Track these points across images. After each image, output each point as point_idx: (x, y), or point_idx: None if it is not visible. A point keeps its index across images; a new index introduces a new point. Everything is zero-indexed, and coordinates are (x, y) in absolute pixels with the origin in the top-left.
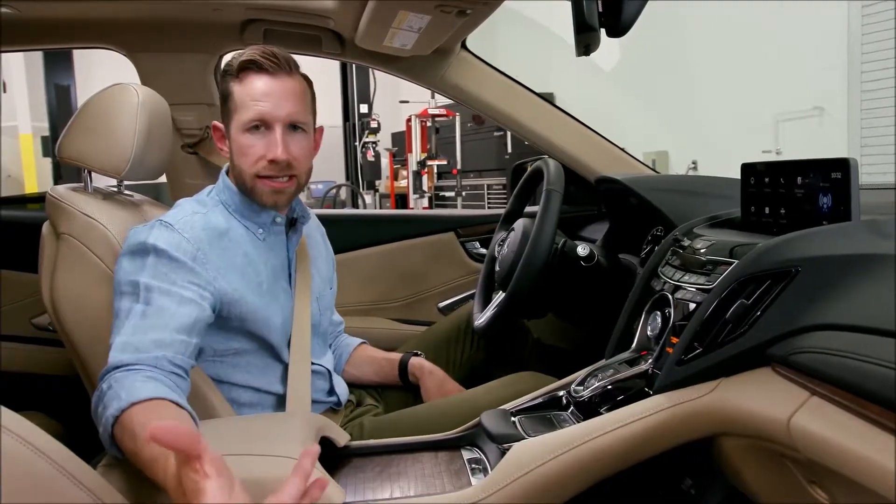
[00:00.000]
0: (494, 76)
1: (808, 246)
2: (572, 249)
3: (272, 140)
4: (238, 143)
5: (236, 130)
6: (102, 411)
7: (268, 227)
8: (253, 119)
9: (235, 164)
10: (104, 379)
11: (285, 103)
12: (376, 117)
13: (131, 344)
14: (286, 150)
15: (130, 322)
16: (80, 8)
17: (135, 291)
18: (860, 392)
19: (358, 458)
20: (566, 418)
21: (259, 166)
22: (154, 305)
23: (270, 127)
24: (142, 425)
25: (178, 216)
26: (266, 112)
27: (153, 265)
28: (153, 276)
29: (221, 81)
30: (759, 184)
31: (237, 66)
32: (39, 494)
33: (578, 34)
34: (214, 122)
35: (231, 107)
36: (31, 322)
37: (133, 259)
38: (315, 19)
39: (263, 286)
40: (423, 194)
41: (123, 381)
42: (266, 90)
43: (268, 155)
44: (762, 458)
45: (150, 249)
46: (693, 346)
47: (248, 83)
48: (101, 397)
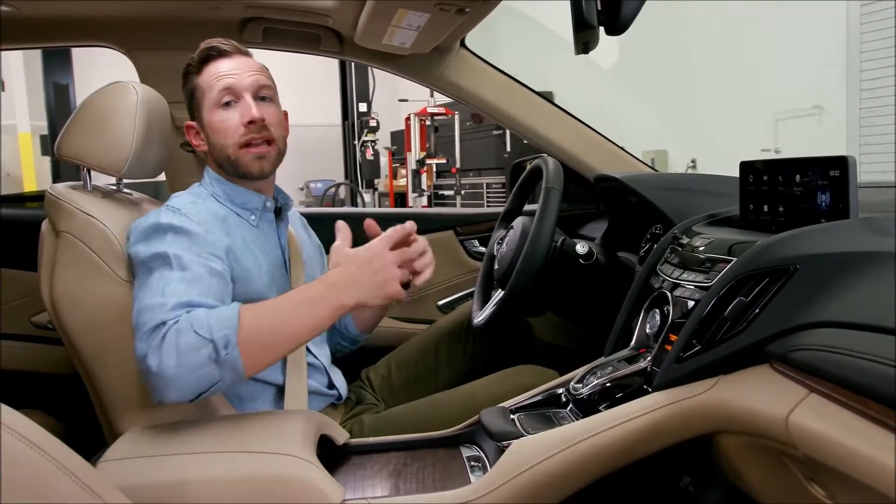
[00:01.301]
0: (493, 74)
1: (807, 244)
2: (571, 247)
3: (244, 105)
4: (212, 122)
5: (208, 112)
6: (201, 340)
7: (259, 212)
8: (221, 93)
9: (215, 143)
10: (162, 329)
11: (248, 73)
12: (375, 116)
13: (182, 303)
14: (259, 111)
15: (172, 285)
16: (78, 6)
17: (165, 262)
18: (859, 389)
19: (357, 455)
20: (565, 416)
21: (237, 135)
22: (191, 271)
23: (239, 97)
24: (259, 314)
25: (181, 202)
26: (232, 83)
27: (174, 240)
28: (179, 248)
29: (185, 84)
30: (757, 182)
31: (197, 59)
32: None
33: (577, 32)
34: (187, 123)
35: (198, 97)
36: (30, 320)
37: (149, 240)
38: (314, 17)
39: (263, 269)
40: (423, 193)
41: (200, 315)
42: (229, 67)
43: (243, 119)
44: (761, 456)
45: (167, 228)
46: (692, 344)
47: (209, 69)
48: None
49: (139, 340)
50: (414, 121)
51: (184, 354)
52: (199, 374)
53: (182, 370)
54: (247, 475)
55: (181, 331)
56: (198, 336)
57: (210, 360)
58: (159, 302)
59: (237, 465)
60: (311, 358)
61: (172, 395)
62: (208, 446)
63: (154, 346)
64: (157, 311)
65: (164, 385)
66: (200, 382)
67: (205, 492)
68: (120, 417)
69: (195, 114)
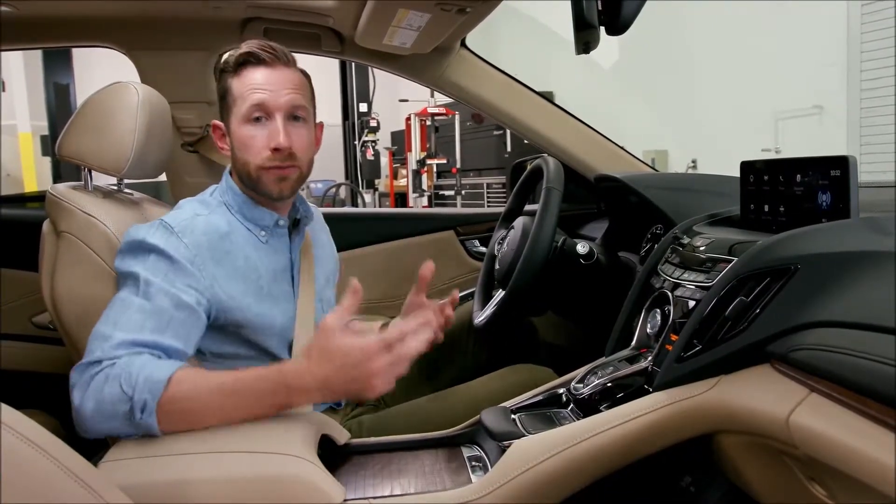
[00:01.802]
0: (494, 74)
1: (808, 243)
2: (572, 247)
3: (273, 129)
4: (239, 135)
5: (237, 124)
6: (122, 396)
7: (270, 229)
8: (253, 108)
9: (238, 157)
10: (95, 369)
11: (284, 92)
12: (376, 116)
13: (129, 341)
14: (288, 137)
15: (127, 315)
16: (79, 6)
17: (135, 284)
18: (859, 389)
19: (358, 455)
20: (566, 416)
21: (263, 157)
22: (154, 303)
23: (271, 116)
24: (193, 389)
25: (179, 218)
26: (266, 100)
27: (153, 263)
28: (153, 273)
29: (219, 80)
30: (758, 182)
31: (234, 60)
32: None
33: (578, 32)
34: (214, 122)
35: (229, 101)
36: (31, 321)
37: (133, 255)
38: (315, 17)
39: (264, 290)
40: (423, 193)
41: (134, 365)
42: (265, 80)
43: (270, 143)
44: (761, 455)
45: (151, 248)
46: (692, 344)
47: (246, 76)
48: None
49: (75, 367)
50: (414, 121)
51: (102, 403)
52: (111, 424)
53: (97, 416)
54: (248, 475)
55: (109, 378)
56: (121, 391)
57: (125, 416)
58: (107, 333)
59: (238, 465)
60: None
61: (84, 433)
62: (209, 446)
63: (82, 382)
64: (100, 344)
65: (78, 421)
66: (112, 431)
67: (206, 492)
68: None
69: (223, 116)
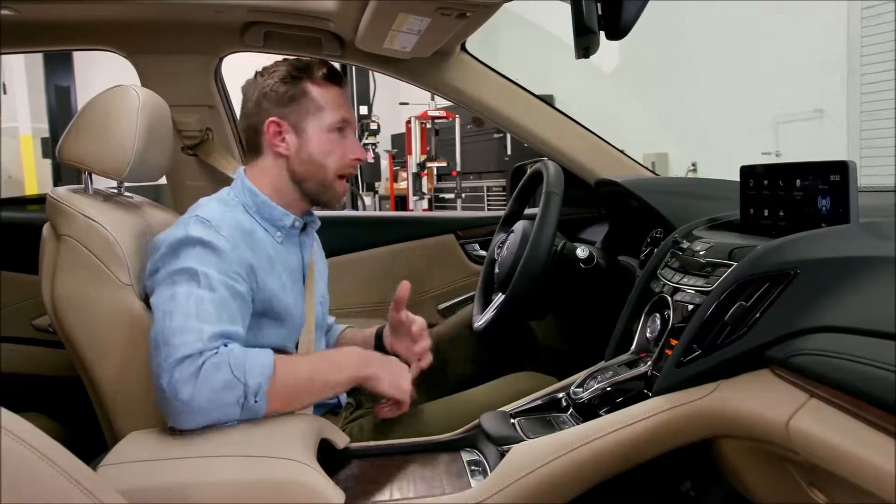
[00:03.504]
0: (494, 78)
1: (807, 248)
2: (572, 251)
3: (353, 142)
4: (322, 141)
5: (320, 130)
6: (235, 382)
7: (286, 230)
8: (340, 122)
9: (314, 160)
10: (199, 359)
11: (352, 113)
12: (376, 119)
13: (217, 333)
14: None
15: (204, 306)
16: (80, 10)
17: (194, 277)
18: (859, 394)
19: (358, 459)
20: (566, 420)
21: (343, 164)
22: (219, 294)
23: (346, 131)
24: (296, 371)
25: (212, 213)
26: (349, 117)
27: (202, 255)
28: (206, 265)
29: (291, 80)
30: (758, 186)
31: (322, 73)
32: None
33: (578, 37)
34: (273, 118)
35: (308, 106)
36: (31, 323)
37: (178, 252)
38: (315, 21)
39: (287, 286)
40: (423, 196)
41: (238, 353)
42: (345, 99)
43: (353, 154)
44: (761, 461)
45: (196, 241)
46: (692, 348)
47: (329, 88)
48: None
49: (167, 363)
50: (415, 124)
51: (217, 392)
52: (223, 411)
53: (211, 406)
54: (247, 479)
55: (219, 366)
56: (234, 377)
57: (238, 402)
58: (195, 326)
59: (238, 469)
60: None
61: (191, 424)
62: (209, 450)
63: (187, 375)
64: (193, 337)
65: (187, 414)
66: (222, 418)
67: (205, 495)
68: (121, 421)
69: (292, 117)
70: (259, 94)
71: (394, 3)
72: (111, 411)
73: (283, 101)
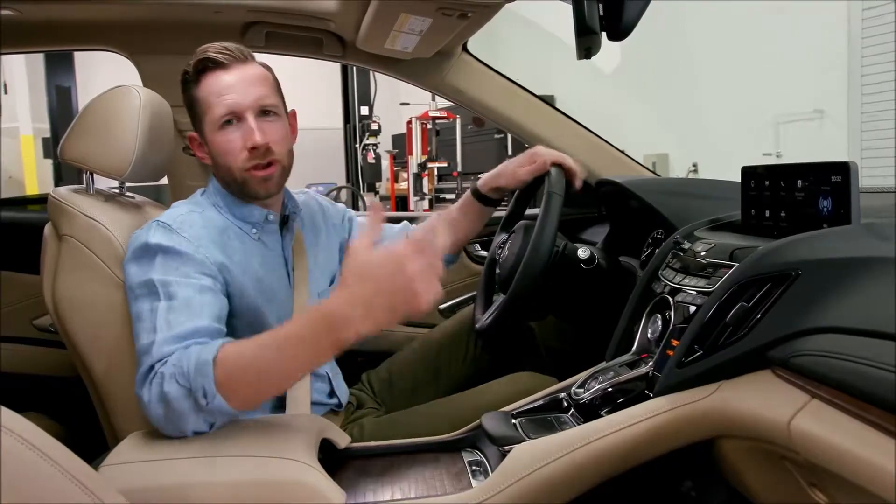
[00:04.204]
0: (495, 79)
1: (809, 249)
2: (573, 252)
3: (247, 129)
4: (216, 142)
5: (210, 131)
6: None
7: (261, 225)
8: (223, 114)
9: (220, 164)
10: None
11: (250, 90)
12: (377, 119)
13: (170, 337)
14: (263, 134)
15: (160, 319)
16: (81, 10)
17: (151, 291)
18: (861, 395)
19: (358, 459)
20: (567, 420)
21: (242, 158)
22: (178, 298)
23: (242, 117)
24: (241, 356)
25: (174, 215)
26: (233, 103)
27: (162, 263)
28: (165, 273)
29: (183, 92)
30: (759, 187)
31: (193, 69)
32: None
33: (579, 37)
34: (190, 133)
35: (198, 111)
36: (32, 323)
37: (140, 262)
38: (316, 21)
39: (263, 283)
40: (424, 196)
41: (183, 358)
42: (227, 83)
43: (247, 143)
44: (763, 461)
45: (155, 249)
46: (693, 349)
47: (207, 82)
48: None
49: (136, 381)
50: (415, 124)
51: (170, 403)
52: (187, 421)
53: (171, 416)
54: (248, 479)
55: (166, 378)
56: (179, 386)
57: (193, 409)
58: (149, 340)
59: (239, 469)
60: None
61: (170, 433)
62: (210, 450)
63: (145, 391)
64: (148, 353)
65: (161, 426)
66: (191, 427)
67: (206, 495)
68: (122, 420)
69: (196, 126)
70: None
71: (395, 3)
72: (112, 411)
73: (189, 113)
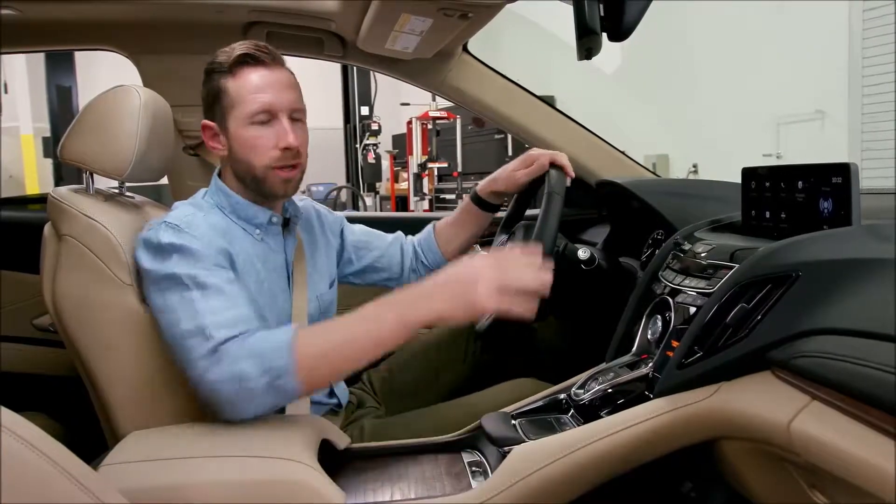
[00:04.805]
0: (495, 79)
1: (809, 250)
2: (573, 253)
3: (281, 129)
4: (243, 137)
5: (239, 125)
6: (264, 369)
7: (264, 227)
8: (258, 111)
9: (241, 158)
10: (215, 356)
11: (285, 92)
12: (377, 119)
13: (222, 321)
14: (296, 137)
15: (200, 304)
16: (82, 10)
17: (179, 282)
18: (861, 396)
19: (358, 460)
20: (566, 422)
21: (271, 156)
22: (210, 287)
23: (275, 117)
24: (315, 336)
25: (180, 216)
26: (269, 102)
27: (180, 260)
28: (189, 268)
29: (208, 80)
30: (759, 188)
31: (232, 61)
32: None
33: (580, 38)
34: (204, 122)
35: (226, 103)
36: (32, 323)
37: (157, 259)
38: (317, 21)
39: (264, 285)
40: (424, 197)
41: (252, 340)
42: (267, 82)
43: (280, 143)
44: (763, 462)
45: (169, 248)
46: (693, 350)
47: (244, 77)
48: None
49: (194, 365)
50: (416, 124)
51: (244, 382)
52: (256, 400)
53: (242, 395)
54: (248, 479)
55: (240, 358)
56: (254, 365)
57: (266, 388)
58: (200, 325)
59: (238, 469)
60: None
61: (235, 417)
62: (210, 450)
63: (214, 371)
64: (202, 336)
65: (227, 409)
66: (257, 407)
67: (206, 495)
68: (121, 420)
69: (217, 117)
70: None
71: (396, 3)
72: (112, 411)
73: (207, 102)
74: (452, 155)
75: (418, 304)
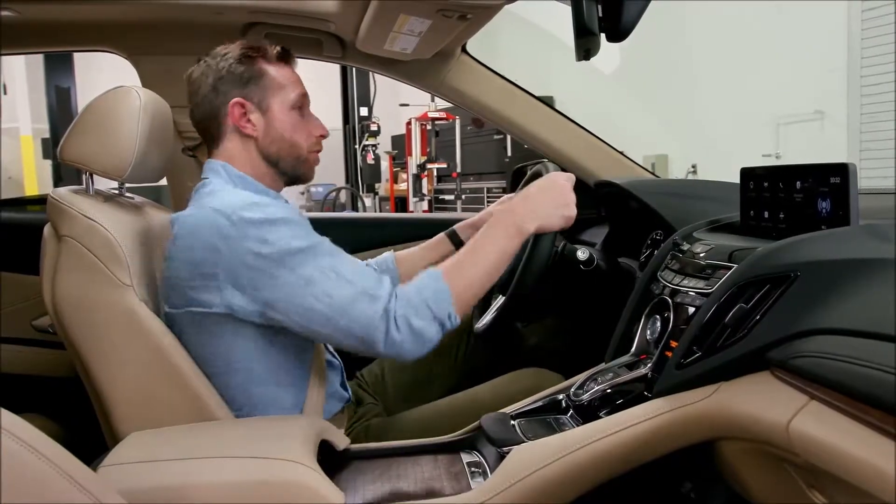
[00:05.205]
0: (494, 80)
1: (808, 250)
2: (572, 253)
3: (314, 119)
4: (289, 119)
5: (283, 108)
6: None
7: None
8: (299, 100)
9: (286, 138)
10: (390, 318)
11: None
12: (376, 120)
13: (373, 283)
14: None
15: (344, 269)
16: (81, 10)
17: (307, 253)
18: (859, 396)
19: (358, 460)
20: (566, 422)
21: (311, 142)
22: (336, 252)
23: (307, 108)
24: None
25: (245, 198)
26: (306, 96)
27: (290, 231)
28: (306, 238)
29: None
30: (758, 188)
31: (276, 52)
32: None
33: (578, 38)
34: (238, 99)
35: (269, 84)
36: (31, 324)
37: (269, 239)
38: (316, 23)
39: None
40: (423, 197)
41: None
42: (300, 79)
43: (316, 131)
44: (762, 462)
45: (278, 223)
46: (692, 350)
47: (285, 68)
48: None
49: (373, 328)
50: (415, 125)
51: (423, 334)
52: (434, 341)
53: (423, 344)
54: (247, 480)
55: (411, 316)
56: (425, 317)
57: (439, 331)
58: (358, 289)
59: (238, 470)
60: (329, 356)
61: (418, 355)
62: (209, 451)
63: (394, 332)
64: (368, 298)
65: (409, 358)
66: (433, 342)
67: (205, 496)
68: (121, 421)
69: (255, 96)
70: (215, 78)
71: (395, 4)
72: (111, 412)
73: (243, 81)
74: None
75: (527, 216)
